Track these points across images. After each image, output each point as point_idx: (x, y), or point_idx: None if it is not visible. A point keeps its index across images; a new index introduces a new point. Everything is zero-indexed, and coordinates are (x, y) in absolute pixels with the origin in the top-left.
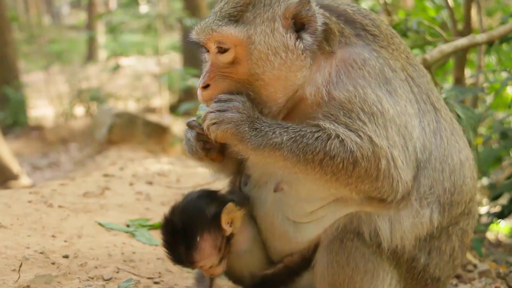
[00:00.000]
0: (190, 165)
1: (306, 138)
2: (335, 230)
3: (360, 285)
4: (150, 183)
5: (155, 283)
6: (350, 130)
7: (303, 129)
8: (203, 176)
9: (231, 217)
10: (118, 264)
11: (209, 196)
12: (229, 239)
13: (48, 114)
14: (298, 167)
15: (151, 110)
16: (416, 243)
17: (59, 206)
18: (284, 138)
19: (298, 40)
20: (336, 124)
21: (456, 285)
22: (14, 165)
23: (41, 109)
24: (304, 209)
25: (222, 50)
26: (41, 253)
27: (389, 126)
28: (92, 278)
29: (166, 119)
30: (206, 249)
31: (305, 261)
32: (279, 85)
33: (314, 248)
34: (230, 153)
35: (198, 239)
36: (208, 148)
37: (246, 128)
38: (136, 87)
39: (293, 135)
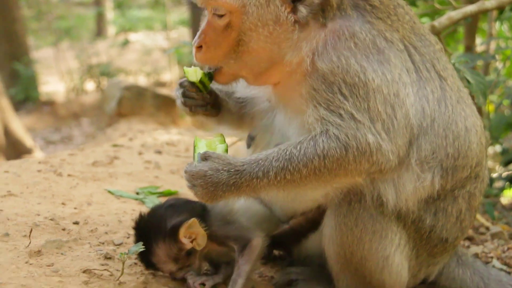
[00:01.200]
0: (199, 135)
1: (293, 158)
2: (340, 193)
3: (369, 245)
4: (159, 152)
5: None
6: (332, 111)
7: (286, 150)
8: None
9: (192, 232)
10: (129, 230)
11: (181, 206)
12: (190, 253)
13: (59, 90)
14: (298, 186)
15: (161, 84)
16: (421, 205)
17: (68, 175)
18: (272, 173)
19: (292, 13)
20: (318, 107)
21: (468, 246)
22: (27, 140)
23: (52, 85)
24: None
25: (218, 15)
26: (51, 219)
27: (372, 97)
28: (103, 243)
29: None
30: (161, 256)
31: (311, 223)
32: (263, 55)
33: (320, 211)
34: (228, 107)
35: (154, 245)
36: (201, 105)
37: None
38: (146, 62)
39: (280, 164)
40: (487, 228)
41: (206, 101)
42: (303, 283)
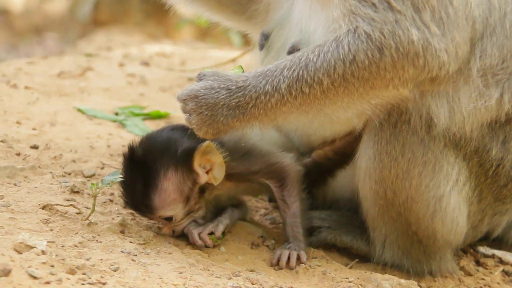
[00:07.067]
0: (200, 47)
1: (311, 64)
2: (380, 112)
3: (418, 181)
4: (146, 64)
5: None
6: (363, 0)
7: (301, 57)
8: (217, 59)
9: (208, 160)
10: (103, 158)
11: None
12: (203, 190)
13: None
14: (322, 104)
15: None
16: (486, 130)
17: (26, 87)
18: (284, 85)
19: None
20: None
21: None
22: None
23: None
24: None
25: None
26: (2, 141)
27: None
28: (69, 174)
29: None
30: (169, 191)
31: (340, 156)
32: None
33: (352, 138)
34: None
35: (160, 176)
36: None
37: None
38: None
39: (294, 73)
40: None
41: None
42: (328, 232)
